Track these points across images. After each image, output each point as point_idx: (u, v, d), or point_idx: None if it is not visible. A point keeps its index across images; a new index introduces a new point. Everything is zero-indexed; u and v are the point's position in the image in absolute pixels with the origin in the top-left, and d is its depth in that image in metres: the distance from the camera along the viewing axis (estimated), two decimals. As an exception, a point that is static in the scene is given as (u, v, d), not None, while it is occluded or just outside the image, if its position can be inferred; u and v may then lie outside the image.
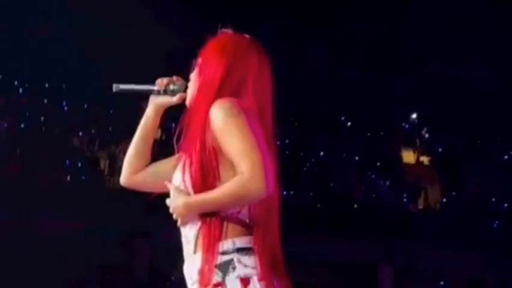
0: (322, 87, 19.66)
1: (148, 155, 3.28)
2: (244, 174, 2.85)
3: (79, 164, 17.99)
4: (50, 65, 18.59)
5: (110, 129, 18.31)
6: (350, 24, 20.62)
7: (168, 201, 3.03)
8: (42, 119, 19.52)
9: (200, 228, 2.97)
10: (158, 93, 3.26)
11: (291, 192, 17.18)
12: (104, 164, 18.13)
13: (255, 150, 2.87)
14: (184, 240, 3.04)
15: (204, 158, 2.96)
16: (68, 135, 19.03)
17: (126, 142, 3.43)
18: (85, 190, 16.77)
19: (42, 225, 16.11)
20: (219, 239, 2.93)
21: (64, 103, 20.40)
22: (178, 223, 3.04)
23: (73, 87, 20.05)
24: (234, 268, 2.92)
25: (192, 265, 3.00)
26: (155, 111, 3.28)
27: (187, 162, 3.00)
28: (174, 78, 3.26)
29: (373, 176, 18.28)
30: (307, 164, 18.63)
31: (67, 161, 17.95)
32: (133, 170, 3.31)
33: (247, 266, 2.92)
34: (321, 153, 19.00)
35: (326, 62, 20.92)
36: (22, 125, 19.02)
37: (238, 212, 2.97)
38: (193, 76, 3.14)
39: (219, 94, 3.01)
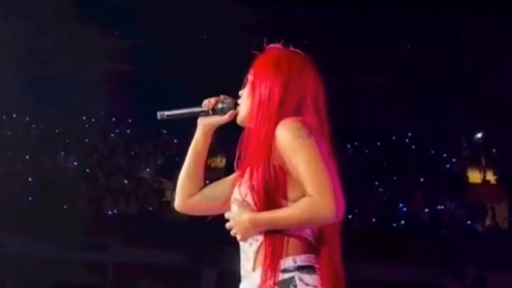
0: (385, 107, 19.55)
1: (200, 178, 3.25)
2: (314, 196, 2.82)
3: (145, 195, 18.13)
4: (115, 98, 18.86)
5: (176, 159, 18.43)
6: (412, 43, 20.53)
7: (228, 215, 2.99)
8: (107, 152, 19.76)
9: (261, 244, 2.94)
10: (207, 114, 3.19)
11: (356, 213, 17.10)
12: (170, 195, 18.24)
13: (324, 174, 2.84)
14: (243, 256, 3.01)
15: (269, 176, 2.92)
16: (134, 166, 19.22)
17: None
18: (151, 220, 16.90)
19: (111, 256, 16.30)
20: (281, 256, 2.91)
21: (130, 134, 20.62)
22: (238, 238, 3.01)
23: (138, 119, 20.30)
24: (295, 286, 2.89)
25: (249, 283, 2.97)
26: (205, 133, 3.23)
27: (250, 179, 2.95)
28: (222, 97, 3.20)
29: (439, 197, 18.08)
30: (372, 186, 18.52)
31: (133, 192, 18.12)
32: (186, 193, 3.26)
33: (308, 284, 2.90)
34: (385, 175, 18.86)
35: (388, 81, 20.82)
36: (88, 159, 19.27)
37: (302, 230, 2.95)
38: (245, 93, 3.10)
39: (280, 113, 2.96)
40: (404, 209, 17.71)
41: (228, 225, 3.01)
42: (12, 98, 19.04)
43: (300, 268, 2.90)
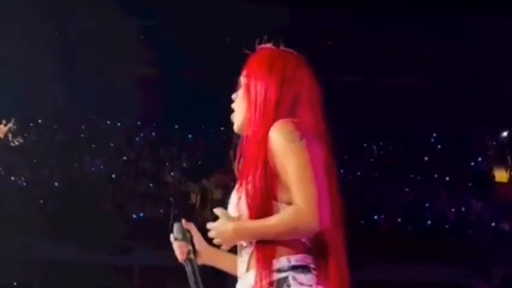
0: (410, 107, 19.50)
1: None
2: (299, 206, 2.79)
3: (171, 199, 18.19)
4: (140, 102, 18.93)
5: (199, 162, 18.48)
6: (436, 43, 20.49)
7: (211, 225, 2.97)
8: (132, 155, 19.84)
9: (254, 246, 2.91)
10: (192, 261, 3.18)
11: (382, 216, 17.07)
12: (195, 198, 18.29)
13: (311, 182, 2.80)
14: (239, 259, 3.00)
15: (266, 179, 2.89)
16: (159, 170, 19.29)
17: (217, 175, 3.35)
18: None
19: (137, 259, 16.36)
20: (274, 256, 2.87)
21: (154, 138, 20.70)
22: (222, 247, 3.00)
23: (163, 122, 20.37)
24: (288, 286, 2.85)
25: (244, 284, 2.96)
26: (207, 257, 3.20)
27: (246, 183, 2.92)
28: (172, 236, 3.18)
29: (465, 197, 18.01)
30: (398, 186, 18.48)
31: (158, 196, 18.19)
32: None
33: (303, 283, 2.86)
34: (411, 175, 18.81)
35: (413, 81, 20.77)
36: (113, 163, 19.37)
37: None
38: (239, 97, 3.04)
39: (276, 114, 2.92)
40: (430, 210, 17.65)
41: (210, 234, 2.99)
42: (38, 103, 19.18)
43: (294, 268, 2.86)
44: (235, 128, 3.06)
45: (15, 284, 16.34)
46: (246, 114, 3.01)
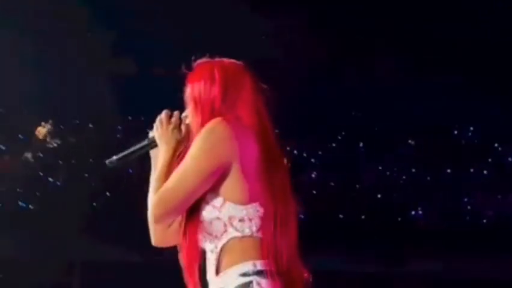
0: (447, 102, 19.39)
1: None
2: (164, 191, 3.08)
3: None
4: (172, 99, 18.95)
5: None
6: (471, 38, 20.38)
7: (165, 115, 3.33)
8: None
9: (221, 251, 3.03)
10: (150, 144, 3.33)
11: (420, 212, 16.99)
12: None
13: (185, 183, 3.04)
14: (207, 262, 3.14)
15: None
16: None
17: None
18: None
19: (169, 256, 16.42)
20: (240, 260, 2.94)
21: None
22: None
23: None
24: None
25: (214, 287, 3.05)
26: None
27: None
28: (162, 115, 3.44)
29: (504, 192, 17.88)
30: (435, 182, 18.40)
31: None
32: (163, 227, 3.50)
33: None
34: (448, 170, 18.71)
35: (450, 76, 20.64)
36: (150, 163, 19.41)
37: (258, 231, 2.95)
38: (190, 114, 3.28)
39: (219, 114, 3.07)
40: (468, 205, 17.55)
41: (158, 119, 3.44)
42: (75, 105, 19.31)
43: (259, 272, 2.94)
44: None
45: (54, 284, 16.48)
46: (201, 128, 3.19)
